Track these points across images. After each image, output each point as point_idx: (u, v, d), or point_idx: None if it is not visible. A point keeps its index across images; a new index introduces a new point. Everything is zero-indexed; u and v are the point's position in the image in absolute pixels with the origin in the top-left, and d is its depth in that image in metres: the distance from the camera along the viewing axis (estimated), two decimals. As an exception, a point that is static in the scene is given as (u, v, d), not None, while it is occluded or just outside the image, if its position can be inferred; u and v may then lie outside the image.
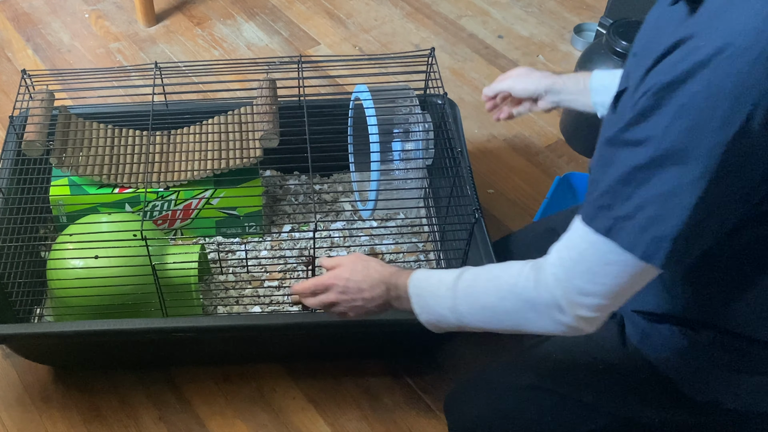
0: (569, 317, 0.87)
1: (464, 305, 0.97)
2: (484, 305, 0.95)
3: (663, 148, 0.76)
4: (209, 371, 1.46)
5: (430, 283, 1.01)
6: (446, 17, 2.32)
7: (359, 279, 1.07)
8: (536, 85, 1.30)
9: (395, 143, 1.39)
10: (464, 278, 0.98)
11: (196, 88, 1.79)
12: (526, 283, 0.90)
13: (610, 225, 0.81)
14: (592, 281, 0.85)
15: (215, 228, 1.57)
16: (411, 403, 1.43)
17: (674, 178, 0.76)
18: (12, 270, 1.32)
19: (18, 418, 1.40)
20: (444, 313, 0.99)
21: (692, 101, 0.73)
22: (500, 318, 0.94)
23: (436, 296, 1.00)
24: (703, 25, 0.76)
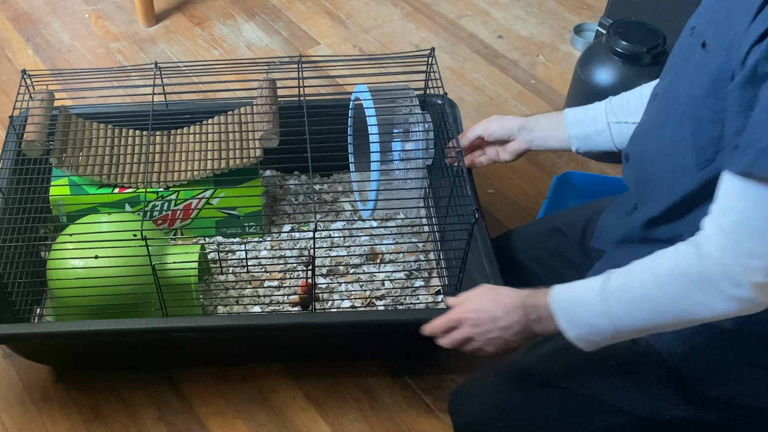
0: (744, 287, 0.81)
1: (619, 306, 0.91)
2: (642, 299, 0.89)
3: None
4: (209, 371, 1.46)
5: (575, 294, 0.97)
6: (446, 17, 2.32)
7: (491, 308, 1.02)
8: (510, 123, 1.33)
9: (395, 143, 1.39)
10: (613, 279, 0.93)
11: (196, 88, 1.79)
12: (688, 261, 0.85)
13: (754, 159, 0.78)
14: (762, 239, 0.79)
15: (215, 228, 1.57)
16: (411, 403, 1.43)
17: None
18: (12, 270, 1.32)
19: (18, 418, 1.40)
20: (596, 321, 0.94)
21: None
22: (663, 310, 0.88)
23: (585, 305, 0.94)
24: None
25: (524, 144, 1.33)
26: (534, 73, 2.14)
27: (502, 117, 1.35)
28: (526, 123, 1.32)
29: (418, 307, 1.48)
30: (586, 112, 1.27)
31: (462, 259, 1.29)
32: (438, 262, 1.53)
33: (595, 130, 1.25)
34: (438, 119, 1.50)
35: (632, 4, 2.03)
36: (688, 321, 0.89)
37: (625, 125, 1.23)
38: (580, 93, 1.88)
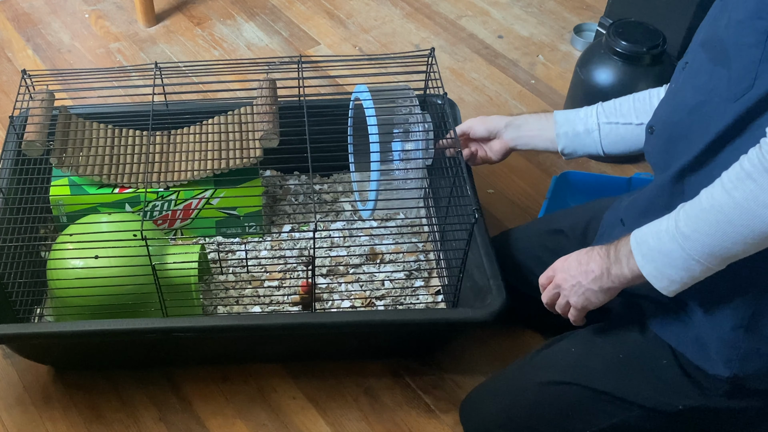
0: None
1: (688, 224, 0.90)
2: (709, 210, 0.87)
3: None
4: (209, 371, 1.46)
5: (651, 227, 0.96)
6: (446, 17, 2.32)
7: (575, 256, 1.05)
8: (496, 121, 1.34)
9: (395, 143, 1.39)
10: (686, 205, 0.92)
11: (196, 88, 1.79)
12: (751, 161, 0.84)
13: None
14: None
15: (215, 228, 1.57)
16: (411, 403, 1.43)
17: None
18: (12, 270, 1.32)
19: (18, 418, 1.40)
20: (667, 247, 0.92)
21: None
22: (731, 218, 0.85)
23: (658, 233, 0.94)
24: None
25: (509, 142, 1.34)
26: (534, 73, 2.14)
27: (486, 117, 1.36)
28: (513, 120, 1.32)
29: (418, 307, 1.48)
30: (576, 112, 1.29)
31: (462, 259, 1.29)
32: (438, 262, 1.53)
33: (585, 129, 1.26)
34: (438, 119, 1.50)
35: (632, 4, 2.03)
36: (759, 232, 0.85)
37: (615, 126, 1.24)
38: (580, 93, 1.88)
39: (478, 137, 1.37)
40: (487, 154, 1.38)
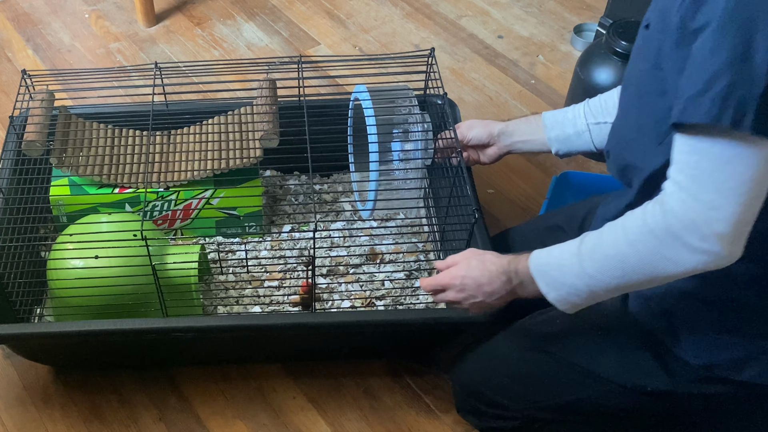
0: (709, 240, 0.84)
1: (593, 266, 0.94)
2: (614, 257, 0.92)
3: (725, 19, 0.78)
4: (209, 371, 1.46)
5: (552, 257, 1.00)
6: (446, 17, 2.32)
7: (476, 275, 1.06)
8: (489, 129, 1.36)
9: (394, 143, 1.39)
10: (587, 240, 0.96)
11: (196, 88, 1.79)
12: (654, 218, 0.87)
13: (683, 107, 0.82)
14: (717, 190, 0.82)
15: (215, 228, 1.57)
16: (411, 403, 1.43)
17: (741, 42, 0.77)
18: (12, 270, 1.32)
19: (18, 418, 1.40)
20: (572, 282, 0.97)
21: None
22: (634, 267, 0.91)
23: (561, 267, 0.98)
24: None
25: (504, 148, 1.36)
26: (534, 73, 2.14)
27: (480, 122, 1.37)
28: (506, 128, 1.34)
29: (418, 307, 1.48)
30: (564, 114, 1.30)
31: (462, 259, 1.29)
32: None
33: (575, 131, 1.28)
34: (438, 119, 1.50)
35: (632, 4, 2.03)
36: (659, 278, 0.91)
37: (604, 125, 1.26)
38: (580, 93, 1.88)
39: (473, 144, 1.38)
40: (480, 158, 1.40)
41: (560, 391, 1.17)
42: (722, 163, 0.81)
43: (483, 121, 1.37)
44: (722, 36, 0.78)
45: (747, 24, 0.77)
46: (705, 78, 0.80)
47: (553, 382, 1.17)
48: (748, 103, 0.78)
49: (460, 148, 1.32)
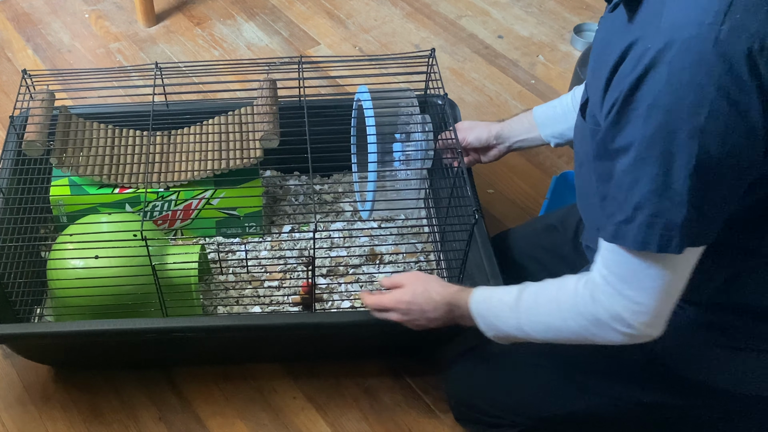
0: (633, 327, 0.91)
1: (529, 326, 1.01)
2: (548, 326, 0.99)
3: (644, 148, 0.80)
4: (209, 371, 1.46)
5: (492, 304, 1.05)
6: (446, 17, 2.32)
7: (420, 302, 1.11)
8: (487, 133, 1.37)
9: (395, 145, 1.39)
10: (524, 299, 1.01)
11: (196, 89, 1.79)
12: (585, 302, 0.94)
13: (615, 231, 0.86)
14: (640, 288, 0.88)
15: (215, 228, 1.57)
16: (411, 403, 1.43)
17: (662, 172, 0.80)
18: (12, 270, 1.32)
19: (18, 418, 1.40)
20: (510, 331, 1.04)
21: (658, 99, 0.78)
22: (567, 336, 0.98)
23: (500, 317, 1.04)
24: (645, 27, 0.81)
25: (504, 149, 1.38)
26: (534, 73, 2.14)
27: (475, 126, 1.38)
28: (501, 132, 1.36)
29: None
30: (554, 110, 1.31)
31: (462, 259, 1.29)
32: (438, 263, 1.53)
33: (568, 126, 1.29)
34: (438, 120, 1.50)
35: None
36: (590, 342, 0.98)
37: None
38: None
39: (472, 148, 1.39)
40: (480, 159, 1.41)
41: (555, 404, 1.17)
42: (644, 269, 0.87)
43: (479, 123, 1.38)
44: (643, 166, 0.81)
45: (665, 153, 0.79)
46: (630, 206, 0.84)
47: (547, 395, 1.17)
48: (673, 231, 0.82)
49: (461, 149, 1.32)
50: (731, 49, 0.76)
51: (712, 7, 0.77)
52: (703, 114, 0.77)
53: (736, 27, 0.76)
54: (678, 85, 0.77)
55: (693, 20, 0.77)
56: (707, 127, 0.77)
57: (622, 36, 0.85)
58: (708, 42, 0.76)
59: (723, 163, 0.79)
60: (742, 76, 0.76)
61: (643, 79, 0.79)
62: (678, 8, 0.79)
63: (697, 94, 0.77)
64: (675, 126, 0.78)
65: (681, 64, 0.77)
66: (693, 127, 0.77)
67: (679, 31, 0.77)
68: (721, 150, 0.78)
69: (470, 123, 1.39)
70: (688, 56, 0.76)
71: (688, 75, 0.77)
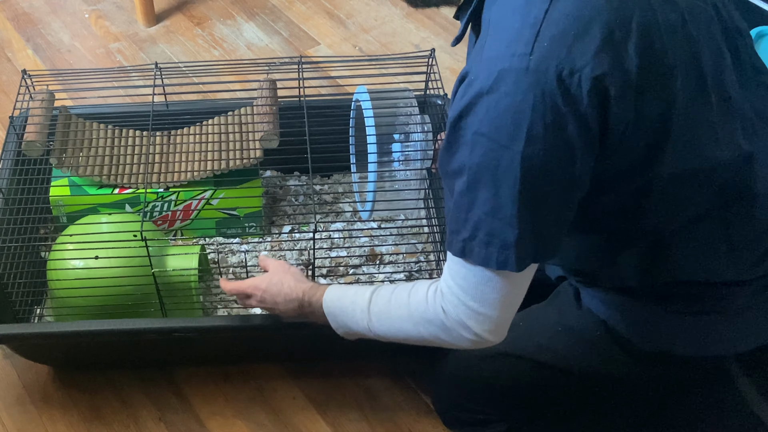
0: (477, 334, 0.95)
1: (380, 327, 1.05)
2: (399, 329, 1.03)
3: (474, 173, 0.87)
4: (209, 371, 1.47)
5: (344, 304, 1.08)
6: (446, 17, 2.32)
7: (274, 292, 1.14)
8: None
9: (395, 145, 1.39)
10: (376, 302, 1.05)
11: (196, 89, 1.79)
12: (435, 311, 0.97)
13: (462, 247, 0.90)
14: (482, 300, 0.93)
15: (215, 228, 1.57)
16: (411, 403, 1.43)
17: (492, 195, 0.85)
18: (12, 270, 1.32)
19: (18, 418, 1.40)
20: (361, 330, 1.08)
21: (480, 127, 0.84)
22: (416, 339, 1.02)
23: (352, 318, 1.07)
24: (475, 59, 0.88)
25: None
26: (534, 74, 2.14)
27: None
28: None
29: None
30: None
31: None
32: (438, 263, 1.53)
33: None
34: (438, 120, 1.50)
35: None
36: (438, 346, 1.02)
37: None
38: (580, 93, 1.88)
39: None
40: None
41: (531, 393, 1.19)
42: (485, 281, 0.91)
43: None
44: (475, 190, 0.87)
45: (493, 178, 0.85)
46: (471, 225, 0.88)
47: (529, 383, 1.18)
48: (508, 250, 0.87)
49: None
50: (542, 77, 0.81)
51: (521, 39, 0.83)
52: (522, 139, 0.82)
53: (545, 55, 0.81)
54: (496, 114, 0.83)
55: (506, 52, 0.83)
56: (527, 152, 0.82)
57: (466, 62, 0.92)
58: (520, 72, 0.81)
59: (546, 184, 0.85)
60: (556, 100, 0.81)
61: (468, 109, 0.85)
62: (495, 41, 0.85)
63: (515, 121, 0.82)
64: (498, 152, 0.83)
65: (498, 94, 0.82)
66: (514, 153, 0.83)
67: (495, 63, 0.83)
68: (542, 171, 0.84)
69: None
70: (504, 86, 0.82)
71: (505, 103, 0.82)
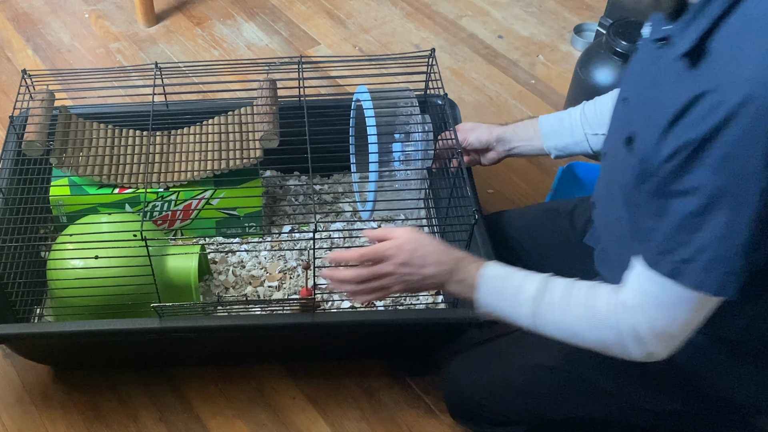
0: (652, 353, 0.94)
1: (546, 324, 1.00)
2: (570, 329, 0.98)
3: (713, 196, 0.82)
4: (209, 371, 1.46)
5: (509, 286, 1.02)
6: (446, 17, 2.32)
7: (426, 252, 1.05)
8: (488, 135, 1.36)
9: (395, 145, 1.39)
10: (550, 294, 0.99)
11: (196, 89, 1.79)
12: (616, 319, 0.94)
13: (675, 268, 0.88)
14: (672, 321, 0.91)
15: (215, 228, 1.57)
16: (411, 403, 1.43)
17: (728, 221, 0.82)
18: (12, 270, 1.32)
19: (18, 418, 1.40)
20: (516, 318, 1.02)
21: (733, 150, 0.79)
22: (584, 342, 0.98)
23: (515, 303, 1.01)
24: (717, 78, 0.81)
25: (503, 153, 1.38)
26: (534, 73, 2.14)
27: (477, 127, 1.37)
28: (503, 135, 1.34)
29: (418, 307, 1.48)
30: (561, 123, 1.30)
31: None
32: (438, 262, 1.52)
33: (573, 141, 1.29)
34: (438, 120, 1.50)
35: (632, 4, 2.03)
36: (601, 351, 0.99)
37: (602, 137, 1.25)
38: (580, 93, 1.88)
39: (473, 149, 1.38)
40: (480, 161, 1.40)
41: (568, 407, 1.16)
42: (682, 302, 0.89)
43: (481, 125, 1.37)
44: (710, 212, 0.83)
45: (734, 205, 0.81)
46: (693, 248, 0.85)
47: (564, 397, 1.15)
48: (731, 277, 0.85)
49: (461, 149, 1.32)
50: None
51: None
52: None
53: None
54: (755, 141, 0.78)
55: (761, 76, 0.78)
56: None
57: (683, 82, 0.85)
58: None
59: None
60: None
61: (718, 131, 0.80)
62: (757, 64, 0.79)
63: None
64: (747, 180, 0.80)
65: (757, 120, 0.78)
66: (762, 181, 0.79)
67: (759, 88, 0.78)
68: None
69: (472, 124, 1.38)
70: (760, 111, 0.77)
71: (763, 130, 0.78)
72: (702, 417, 1.11)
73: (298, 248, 1.57)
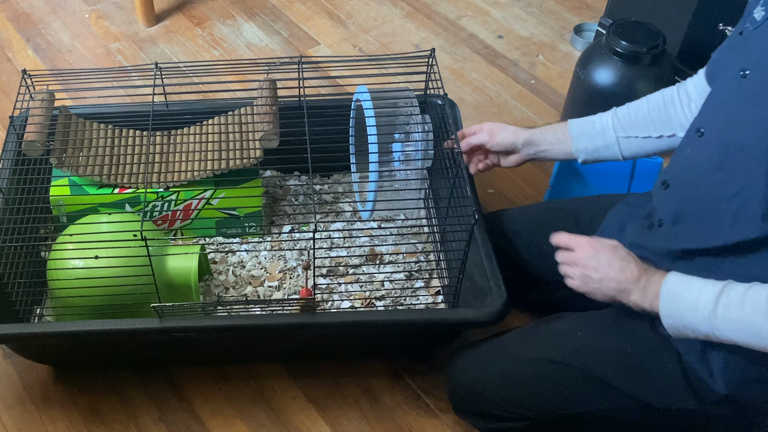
0: None
1: (725, 326, 0.97)
2: (749, 327, 0.95)
3: None
4: (209, 371, 1.46)
5: (688, 292, 1.01)
6: (446, 17, 2.32)
7: (616, 256, 1.07)
8: (515, 137, 1.34)
9: (395, 145, 1.39)
10: (729, 295, 0.97)
11: (196, 89, 1.79)
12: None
13: None
14: None
15: (215, 228, 1.57)
16: (411, 403, 1.43)
17: None
18: (12, 270, 1.32)
19: (18, 418, 1.40)
20: (696, 324, 1.00)
21: None
22: (763, 344, 0.95)
23: (693, 308, 0.99)
24: None
25: (527, 157, 1.36)
26: (534, 73, 2.14)
27: (505, 128, 1.35)
28: (531, 138, 1.33)
29: (418, 307, 1.48)
30: (592, 125, 1.28)
31: (462, 259, 1.29)
32: (438, 263, 1.53)
33: (604, 144, 1.27)
34: (438, 120, 1.50)
35: (632, 4, 2.03)
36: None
37: (634, 140, 1.25)
38: (580, 93, 1.88)
39: (497, 151, 1.37)
40: (500, 163, 1.39)
41: (575, 403, 1.16)
42: None
43: (509, 127, 1.35)
44: None
45: None
46: None
47: (568, 392, 1.15)
48: None
49: (460, 150, 1.32)
50: None
51: None
52: None
53: None
54: None
55: None
56: None
57: None
58: None
59: None
60: None
61: None
62: None
63: None
64: None
65: None
66: None
67: None
68: None
69: (499, 125, 1.36)
70: None
71: None
72: (712, 418, 1.10)
73: (298, 248, 1.57)
